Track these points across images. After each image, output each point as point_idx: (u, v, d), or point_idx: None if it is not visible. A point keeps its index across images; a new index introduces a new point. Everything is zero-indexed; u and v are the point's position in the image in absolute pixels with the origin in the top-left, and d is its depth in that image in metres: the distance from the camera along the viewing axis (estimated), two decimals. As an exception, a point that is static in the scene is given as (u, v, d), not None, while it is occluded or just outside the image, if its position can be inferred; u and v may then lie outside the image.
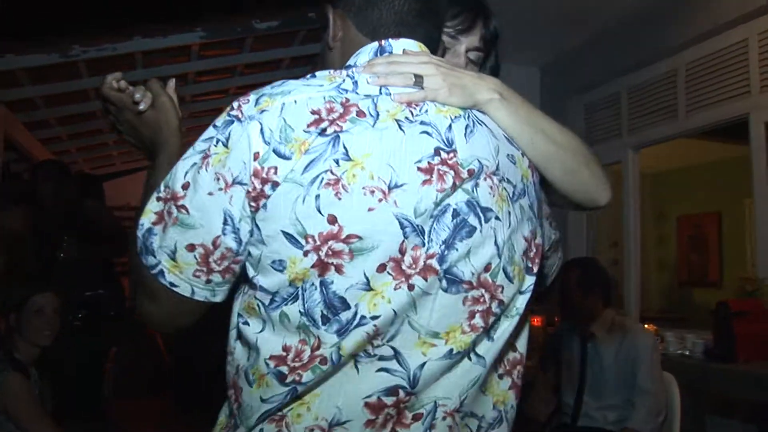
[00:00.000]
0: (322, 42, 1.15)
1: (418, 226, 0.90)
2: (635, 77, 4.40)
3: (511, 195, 0.98)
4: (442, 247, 0.91)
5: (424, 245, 0.90)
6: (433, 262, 0.91)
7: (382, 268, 0.89)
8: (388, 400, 0.92)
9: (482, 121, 1.01)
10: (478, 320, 0.95)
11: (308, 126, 0.88)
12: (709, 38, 3.85)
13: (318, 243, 0.86)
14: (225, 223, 0.89)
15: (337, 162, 0.87)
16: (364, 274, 0.88)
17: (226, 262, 0.92)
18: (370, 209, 0.87)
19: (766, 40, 3.53)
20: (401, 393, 0.92)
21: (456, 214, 0.92)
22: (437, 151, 0.92)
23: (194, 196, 0.90)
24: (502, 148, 1.00)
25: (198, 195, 0.90)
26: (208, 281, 0.93)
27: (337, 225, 0.86)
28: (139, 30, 4.23)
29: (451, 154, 0.94)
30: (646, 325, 3.73)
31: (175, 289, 0.92)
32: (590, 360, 3.11)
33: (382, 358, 0.92)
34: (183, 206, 0.90)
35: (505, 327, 1.00)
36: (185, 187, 0.91)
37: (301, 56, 5.14)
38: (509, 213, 0.97)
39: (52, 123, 5.61)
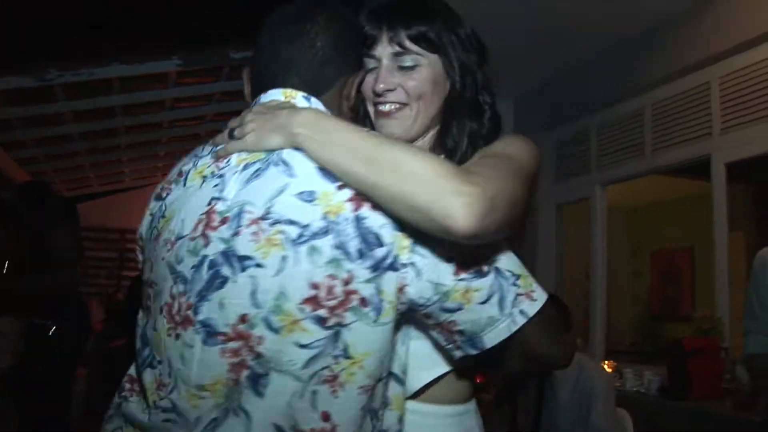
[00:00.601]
0: None
1: (180, 273, 0.96)
2: (604, 115, 4.51)
3: (294, 237, 0.91)
4: (196, 298, 0.93)
5: (185, 294, 0.95)
6: (190, 313, 0.93)
7: (161, 310, 0.98)
8: None
9: (284, 161, 0.96)
10: (231, 373, 0.91)
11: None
12: (675, 80, 3.96)
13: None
14: None
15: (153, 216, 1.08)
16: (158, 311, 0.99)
17: None
18: (162, 258, 1.00)
19: (727, 84, 3.64)
20: None
21: (211, 265, 0.93)
22: (210, 202, 0.97)
23: None
24: (294, 187, 0.94)
25: None
26: None
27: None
28: (117, 56, 4.31)
29: (217, 203, 0.96)
30: (605, 362, 3.80)
31: None
32: (546, 397, 3.16)
33: (165, 410, 0.95)
34: None
35: (280, 384, 0.90)
36: None
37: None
38: (283, 258, 0.90)
39: (29, 144, 5.66)
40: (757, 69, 3.44)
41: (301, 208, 0.92)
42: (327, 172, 0.94)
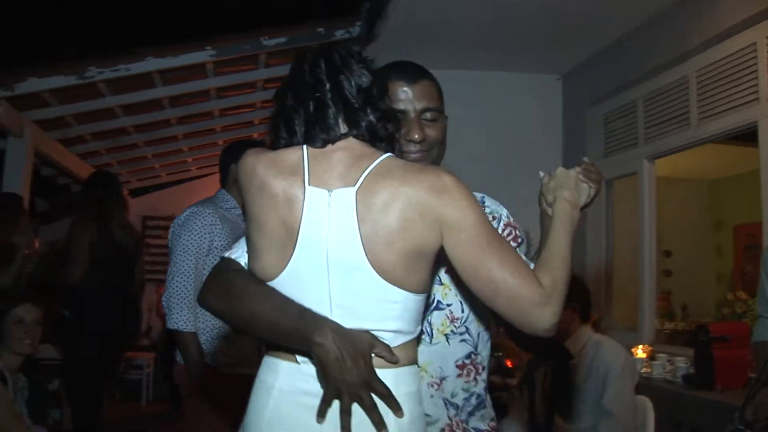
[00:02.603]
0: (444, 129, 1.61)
1: None
2: (649, 86, 4.35)
3: None
4: None
5: None
6: None
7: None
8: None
9: None
10: None
11: None
12: (718, 44, 3.79)
13: None
14: None
15: None
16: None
17: None
18: None
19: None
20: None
21: None
22: None
23: None
24: None
25: None
26: None
27: None
28: (151, 51, 4.54)
29: None
30: (641, 346, 3.70)
31: None
32: (562, 380, 3.14)
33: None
34: None
35: None
36: None
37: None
38: None
39: (87, 139, 6.05)
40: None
41: None
42: None
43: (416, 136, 1.52)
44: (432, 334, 1.55)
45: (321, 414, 1.25)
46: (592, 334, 3.19)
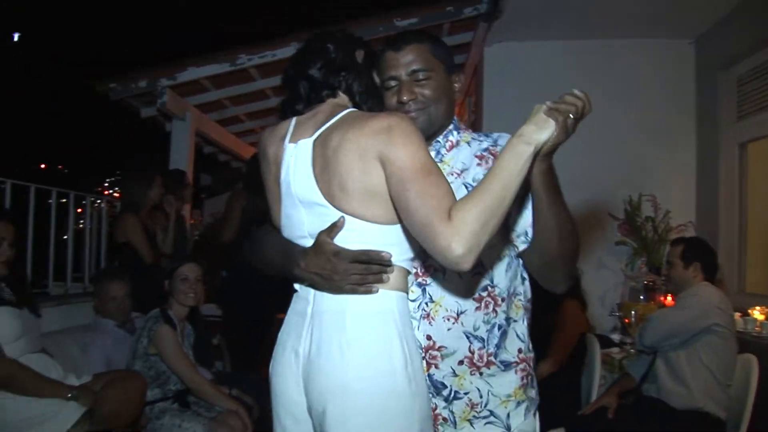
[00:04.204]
0: (444, 89, 1.76)
1: None
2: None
3: None
4: None
5: None
6: None
7: None
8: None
9: None
10: None
11: None
12: None
13: None
14: None
15: None
16: None
17: None
18: None
19: None
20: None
21: None
22: None
23: None
24: None
25: None
26: None
27: None
28: (293, 37, 5.11)
29: None
30: (757, 307, 3.81)
31: None
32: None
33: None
34: None
35: None
36: None
37: (452, 45, 5.69)
38: None
39: (243, 119, 6.79)
40: None
41: None
42: None
43: (404, 98, 1.71)
44: (444, 270, 1.66)
45: None
46: (709, 288, 3.39)
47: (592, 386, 3.65)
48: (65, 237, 5.03)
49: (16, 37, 25.64)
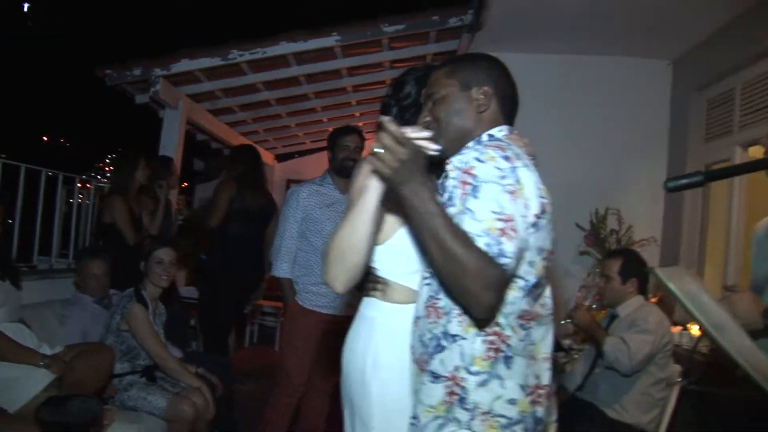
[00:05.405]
0: (454, 106, 1.81)
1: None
2: (747, 74, 4.58)
3: None
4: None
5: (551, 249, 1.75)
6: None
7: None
8: None
9: None
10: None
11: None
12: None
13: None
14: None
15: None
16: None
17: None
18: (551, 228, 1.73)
19: None
20: None
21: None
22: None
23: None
24: None
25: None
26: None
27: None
28: (284, 36, 5.40)
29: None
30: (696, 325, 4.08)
31: (519, 279, 1.64)
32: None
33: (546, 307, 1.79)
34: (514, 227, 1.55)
35: None
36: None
37: (440, 52, 5.98)
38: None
39: (235, 110, 7.09)
40: None
41: None
42: None
43: (423, 120, 1.86)
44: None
45: None
46: (643, 302, 3.65)
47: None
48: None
49: (25, 7, 25.96)
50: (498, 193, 1.55)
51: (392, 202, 1.72)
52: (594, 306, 4.46)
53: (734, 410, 2.32)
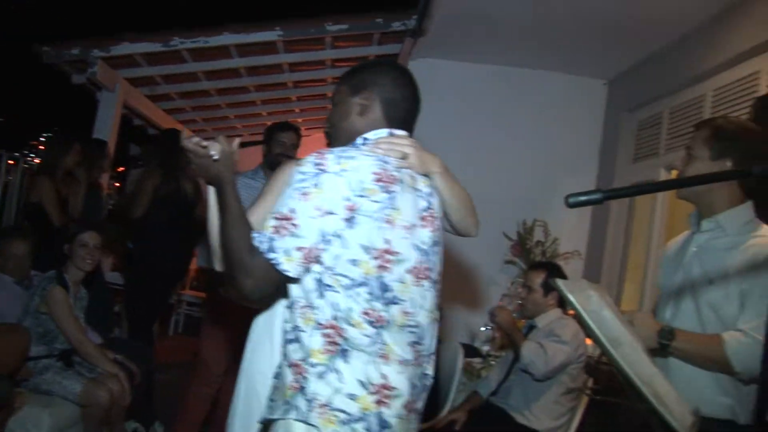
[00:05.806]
0: (343, 110, 1.95)
1: (422, 248, 1.80)
2: (674, 100, 4.79)
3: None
4: (431, 264, 1.83)
5: (425, 262, 1.80)
6: (428, 273, 1.81)
7: (407, 270, 1.76)
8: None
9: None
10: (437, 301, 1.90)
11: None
12: (732, 67, 4.21)
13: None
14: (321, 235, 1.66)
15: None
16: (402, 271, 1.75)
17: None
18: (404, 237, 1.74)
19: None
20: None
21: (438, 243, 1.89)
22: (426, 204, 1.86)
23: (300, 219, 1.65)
24: None
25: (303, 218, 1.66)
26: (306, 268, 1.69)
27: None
28: (227, 27, 5.41)
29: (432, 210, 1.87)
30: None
31: (286, 273, 1.66)
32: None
33: (411, 327, 1.76)
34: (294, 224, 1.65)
35: None
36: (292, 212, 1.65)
37: (382, 55, 6.06)
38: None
39: (174, 96, 7.04)
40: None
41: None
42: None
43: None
44: None
45: None
46: (561, 314, 3.78)
47: (450, 390, 4.04)
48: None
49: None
50: (290, 194, 1.69)
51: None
52: (515, 315, 4.61)
53: (634, 421, 2.43)
